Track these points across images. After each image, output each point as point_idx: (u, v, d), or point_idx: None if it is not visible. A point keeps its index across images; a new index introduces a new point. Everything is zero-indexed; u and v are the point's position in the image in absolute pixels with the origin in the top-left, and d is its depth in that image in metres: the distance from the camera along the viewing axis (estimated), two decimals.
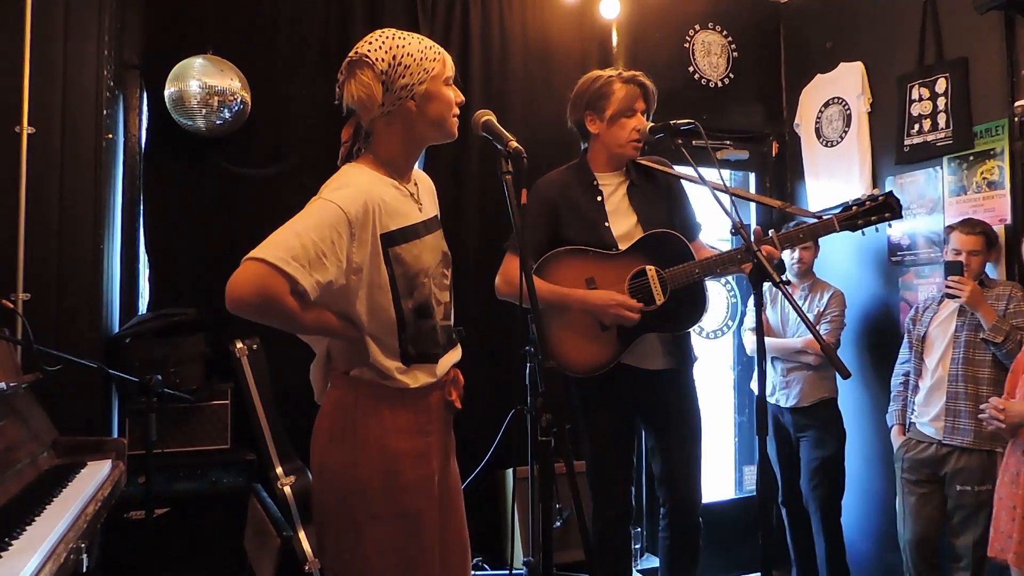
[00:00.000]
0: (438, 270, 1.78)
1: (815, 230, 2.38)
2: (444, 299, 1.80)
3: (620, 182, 2.55)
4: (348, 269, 1.58)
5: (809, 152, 4.03)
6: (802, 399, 3.37)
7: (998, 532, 2.46)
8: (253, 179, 3.11)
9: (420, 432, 1.73)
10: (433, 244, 1.77)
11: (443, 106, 1.73)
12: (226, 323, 2.99)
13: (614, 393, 2.49)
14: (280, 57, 3.19)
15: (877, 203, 2.32)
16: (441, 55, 1.73)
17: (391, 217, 1.66)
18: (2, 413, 1.97)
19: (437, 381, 1.76)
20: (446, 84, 1.74)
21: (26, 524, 1.62)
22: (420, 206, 1.77)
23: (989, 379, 2.82)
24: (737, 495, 4.18)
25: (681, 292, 2.40)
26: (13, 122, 2.52)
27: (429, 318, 1.73)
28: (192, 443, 2.80)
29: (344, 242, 1.56)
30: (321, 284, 1.53)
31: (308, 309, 1.56)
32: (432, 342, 1.74)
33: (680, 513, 2.54)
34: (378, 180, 1.69)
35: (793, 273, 3.47)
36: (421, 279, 1.70)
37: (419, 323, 1.70)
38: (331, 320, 1.63)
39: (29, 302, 2.50)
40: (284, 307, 1.50)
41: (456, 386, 1.84)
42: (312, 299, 1.53)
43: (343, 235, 1.56)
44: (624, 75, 2.50)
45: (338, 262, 1.56)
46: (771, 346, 3.45)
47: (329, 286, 1.55)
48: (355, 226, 1.58)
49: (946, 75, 3.29)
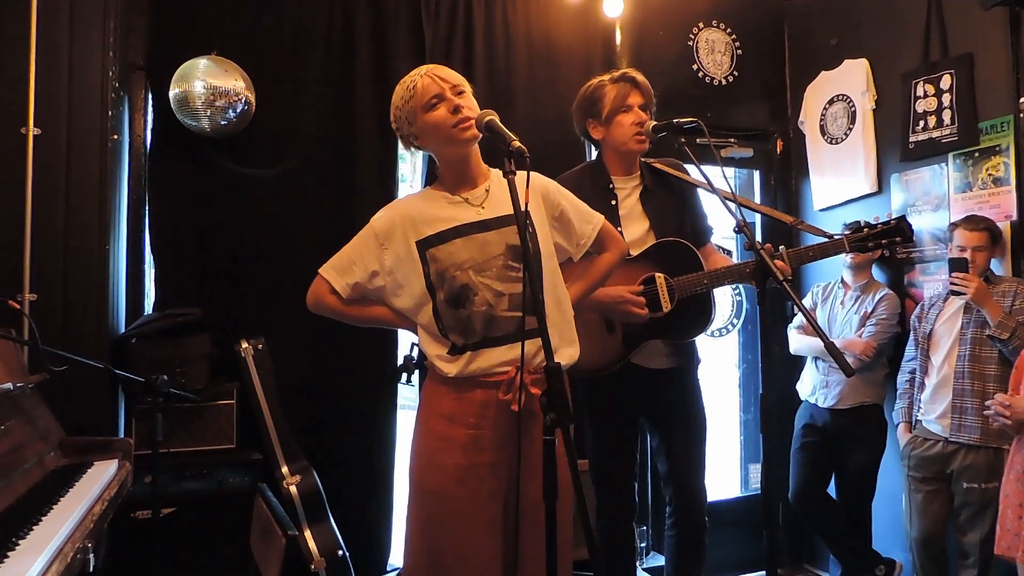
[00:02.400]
0: (495, 262, 1.86)
1: (825, 249, 2.40)
2: (507, 290, 1.85)
3: (635, 186, 2.55)
4: (382, 271, 1.92)
5: (814, 149, 4.02)
6: (840, 401, 3.32)
7: (1005, 530, 2.45)
8: (258, 179, 3.12)
9: (461, 423, 1.86)
10: (486, 239, 1.87)
11: (434, 130, 1.87)
12: (231, 323, 3.01)
13: (617, 391, 2.50)
14: (284, 58, 3.19)
15: (889, 227, 2.35)
16: (414, 86, 1.87)
17: (427, 225, 1.89)
18: (9, 413, 1.98)
19: (482, 373, 1.84)
20: (429, 109, 1.86)
21: (33, 524, 1.63)
22: (481, 209, 1.91)
23: (995, 376, 2.82)
24: (743, 493, 4.18)
25: (688, 301, 2.41)
26: (19, 123, 2.53)
27: (461, 308, 1.85)
28: (198, 443, 2.81)
29: (373, 251, 1.92)
30: (350, 285, 1.92)
31: (352, 304, 1.96)
32: (483, 328, 1.85)
33: (686, 511, 2.55)
34: (424, 197, 1.98)
35: (847, 270, 3.43)
36: (452, 272, 1.85)
37: (453, 312, 1.86)
38: (380, 312, 1.98)
39: (35, 303, 2.51)
40: (326, 304, 1.95)
41: (512, 387, 1.81)
42: (347, 297, 1.93)
43: (370, 246, 1.92)
44: (614, 75, 2.53)
45: (365, 267, 1.92)
46: (812, 346, 3.45)
47: (358, 287, 1.93)
48: (381, 237, 1.91)
49: (951, 71, 3.28)
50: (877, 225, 2.36)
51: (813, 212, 4.02)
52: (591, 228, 2.07)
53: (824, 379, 3.40)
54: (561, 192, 2.05)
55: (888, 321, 3.30)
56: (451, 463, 1.85)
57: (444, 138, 1.86)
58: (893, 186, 3.58)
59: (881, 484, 3.36)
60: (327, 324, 1.94)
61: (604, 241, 2.11)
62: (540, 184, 2.00)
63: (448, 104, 1.84)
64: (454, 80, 1.89)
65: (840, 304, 3.46)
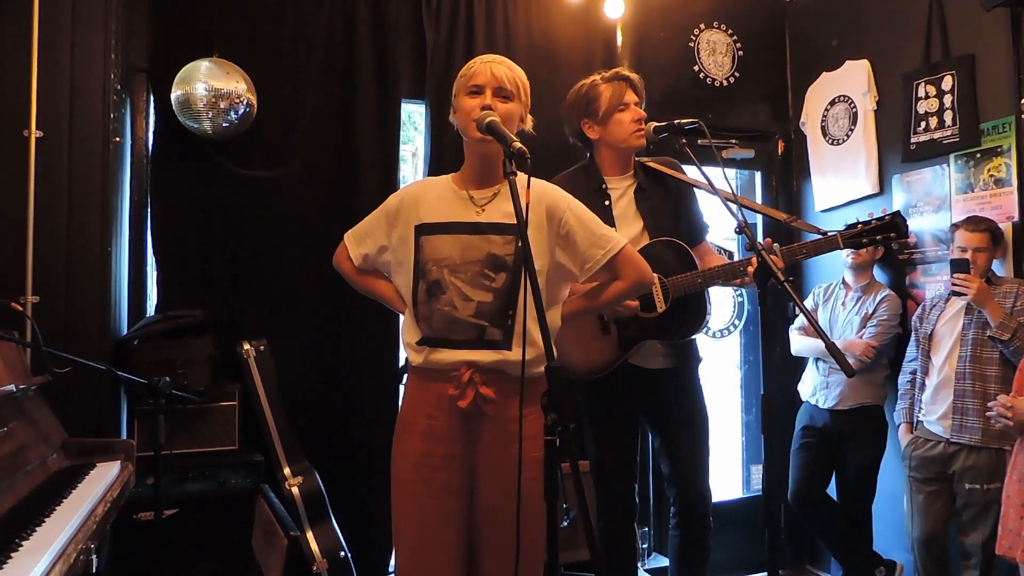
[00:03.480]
0: (471, 267, 1.86)
1: (819, 246, 2.40)
2: (476, 297, 1.86)
3: (628, 186, 2.55)
4: (390, 247, 2.00)
5: (815, 151, 4.02)
6: (841, 401, 3.33)
7: (1007, 530, 2.45)
8: (259, 181, 3.12)
9: (422, 412, 1.92)
10: (471, 243, 1.87)
11: (461, 114, 1.91)
12: (233, 324, 3.02)
13: (617, 391, 2.50)
14: (286, 59, 3.20)
15: (883, 222, 2.34)
16: (472, 68, 1.92)
17: (429, 212, 1.93)
18: (12, 415, 1.99)
19: (442, 370, 1.87)
20: (468, 93, 1.90)
21: (36, 525, 1.63)
22: (480, 211, 1.91)
23: (996, 377, 2.82)
24: (745, 494, 4.18)
25: (682, 301, 2.41)
26: (21, 126, 2.53)
27: (435, 300, 1.88)
28: (200, 444, 2.81)
29: (384, 226, 2.01)
30: (362, 255, 2.04)
31: (364, 275, 2.08)
32: (442, 327, 1.88)
33: (690, 512, 2.54)
34: (439, 183, 2.00)
35: (848, 271, 3.43)
36: (430, 266, 1.89)
37: (427, 303, 1.89)
38: (383, 287, 2.06)
39: (38, 305, 2.51)
40: (343, 268, 2.09)
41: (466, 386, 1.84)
42: (358, 265, 2.05)
43: (382, 221, 2.02)
44: (606, 75, 2.53)
45: (375, 240, 2.02)
46: (813, 346, 3.45)
47: (368, 258, 2.04)
48: (391, 215, 2.00)
49: (953, 72, 3.28)
50: (871, 221, 2.35)
51: (814, 213, 4.02)
52: (602, 254, 1.94)
53: (824, 380, 3.40)
54: (572, 210, 1.95)
55: (889, 322, 3.29)
56: (410, 449, 1.92)
57: (462, 125, 1.92)
58: (894, 187, 3.58)
59: (882, 485, 3.36)
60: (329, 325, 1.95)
61: (618, 267, 1.97)
62: (548, 197, 1.94)
63: (482, 99, 1.87)
64: (508, 84, 1.88)
65: (841, 305, 3.46)
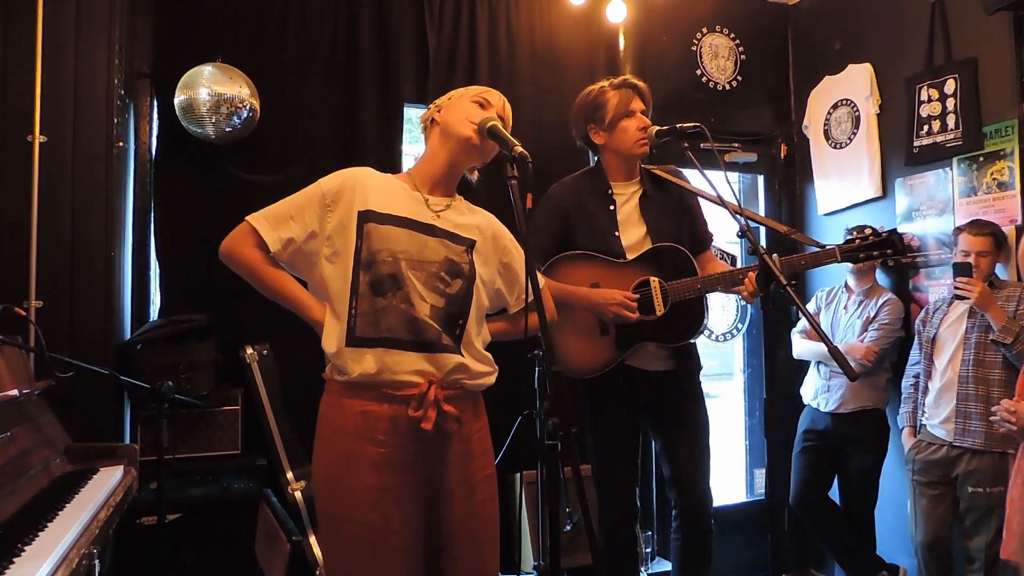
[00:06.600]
0: (430, 266, 1.78)
1: (818, 258, 2.41)
2: (431, 300, 1.76)
3: (634, 191, 2.57)
4: (321, 235, 1.78)
5: (818, 154, 4.02)
6: (842, 405, 3.33)
7: (1011, 534, 2.44)
8: (263, 185, 3.12)
9: (369, 439, 1.71)
10: (427, 243, 1.79)
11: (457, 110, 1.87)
12: (236, 329, 3.02)
13: (617, 394, 2.51)
14: (289, 64, 3.21)
15: (880, 239, 2.36)
16: (488, 90, 1.92)
17: (376, 199, 1.79)
18: (15, 420, 1.99)
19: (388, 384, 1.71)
20: (474, 103, 1.88)
21: (39, 530, 1.63)
22: (436, 216, 1.84)
23: (999, 380, 2.81)
24: (748, 498, 4.17)
25: (681, 305, 2.43)
26: (25, 131, 2.54)
27: (381, 296, 1.73)
28: (203, 449, 2.82)
29: (316, 209, 1.79)
30: (283, 240, 1.76)
31: (275, 268, 1.79)
32: (397, 326, 1.73)
33: (692, 516, 2.54)
34: (385, 177, 1.87)
35: (851, 274, 3.43)
36: (384, 256, 1.74)
37: (371, 299, 1.73)
38: (293, 288, 1.80)
39: (41, 309, 2.52)
40: (243, 256, 1.78)
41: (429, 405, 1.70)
42: (275, 252, 1.77)
43: (315, 205, 1.79)
44: (615, 82, 2.55)
45: (304, 225, 1.77)
46: (815, 350, 3.45)
47: (291, 243, 1.77)
48: (328, 198, 1.79)
49: (955, 76, 3.28)
50: (869, 237, 2.37)
51: (817, 217, 4.02)
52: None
53: (826, 383, 3.40)
54: (516, 245, 1.99)
55: (890, 326, 3.29)
56: (362, 485, 1.69)
57: (451, 123, 1.86)
58: (897, 190, 3.58)
59: (885, 489, 3.35)
60: None
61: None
62: (496, 226, 1.98)
63: (486, 112, 1.86)
64: (506, 123, 1.91)
65: (843, 308, 3.46)
